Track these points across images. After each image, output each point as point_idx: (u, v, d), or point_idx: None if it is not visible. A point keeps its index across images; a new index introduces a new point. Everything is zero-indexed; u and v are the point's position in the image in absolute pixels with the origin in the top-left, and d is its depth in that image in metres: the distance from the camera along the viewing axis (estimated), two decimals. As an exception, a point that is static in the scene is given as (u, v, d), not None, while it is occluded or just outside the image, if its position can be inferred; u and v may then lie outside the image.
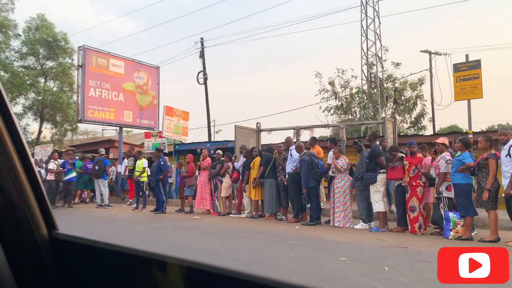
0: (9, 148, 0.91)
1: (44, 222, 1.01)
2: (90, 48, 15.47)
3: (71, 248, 1.01)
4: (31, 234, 0.97)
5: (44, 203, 1.01)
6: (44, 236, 1.00)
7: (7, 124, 0.90)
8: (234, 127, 11.34)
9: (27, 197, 0.96)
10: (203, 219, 8.85)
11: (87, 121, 15.23)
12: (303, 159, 7.87)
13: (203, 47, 18.13)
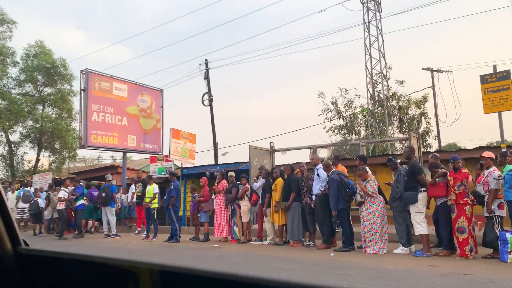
0: None
1: (8, 239, 1.03)
2: (93, 71, 15.07)
3: (36, 262, 1.03)
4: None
5: (9, 220, 1.03)
6: (9, 252, 1.03)
7: None
8: (248, 147, 10.80)
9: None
10: (222, 247, 8.18)
11: (90, 146, 14.66)
12: (332, 178, 7.32)
13: (208, 69, 17.78)
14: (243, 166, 12.61)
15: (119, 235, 10.91)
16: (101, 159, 39.96)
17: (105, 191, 10.94)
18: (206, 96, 17.77)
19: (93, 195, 11.93)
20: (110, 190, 10.94)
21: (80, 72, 14.84)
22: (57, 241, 10.27)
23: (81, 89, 14.75)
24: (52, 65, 23.95)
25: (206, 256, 7.04)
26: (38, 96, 24.48)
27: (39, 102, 24.29)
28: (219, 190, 9.22)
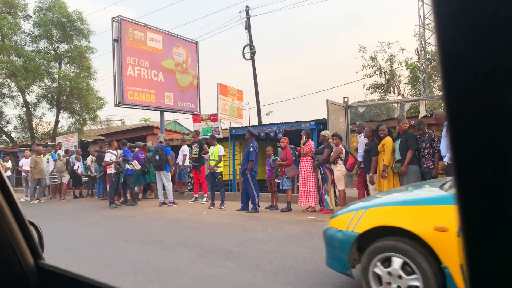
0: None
1: (30, 253, 1.08)
2: (126, 19, 13.24)
3: (55, 279, 1.11)
4: (18, 264, 1.05)
5: (29, 235, 1.08)
6: (31, 266, 1.08)
7: None
8: (326, 101, 9.18)
9: (14, 234, 1.03)
10: (320, 219, 6.80)
11: (127, 104, 13.07)
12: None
13: (249, 17, 15.82)
14: (306, 126, 11.04)
15: (177, 202, 9.57)
16: (117, 122, 38.50)
17: (158, 154, 9.50)
18: (247, 48, 15.91)
19: (140, 158, 10.52)
20: (164, 152, 9.49)
21: (112, 19, 13.00)
22: (114, 210, 9.01)
23: (114, 39, 12.98)
24: (68, 18, 21.98)
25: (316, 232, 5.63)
26: (54, 53, 22.66)
27: (55, 59, 22.51)
28: (305, 152, 7.72)
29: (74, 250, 5.23)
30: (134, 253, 4.84)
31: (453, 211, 2.40)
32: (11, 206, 1.03)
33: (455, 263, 2.34)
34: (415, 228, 2.57)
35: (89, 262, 4.60)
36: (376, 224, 2.81)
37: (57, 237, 5.98)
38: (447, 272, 2.38)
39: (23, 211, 1.06)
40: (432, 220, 2.53)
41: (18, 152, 17.57)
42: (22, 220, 1.06)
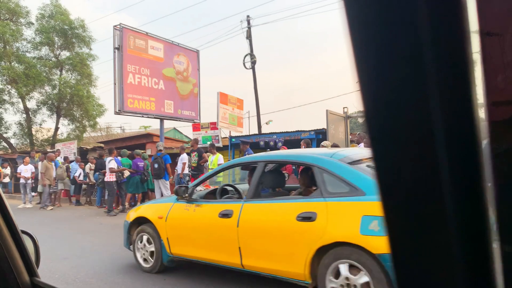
0: None
1: (26, 270, 1.08)
2: (128, 27, 13.33)
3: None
4: (15, 282, 1.05)
5: (24, 249, 1.08)
6: (27, 283, 1.08)
7: None
8: (325, 112, 9.21)
9: (9, 249, 1.03)
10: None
11: (127, 112, 13.10)
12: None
13: (250, 26, 15.93)
14: (306, 135, 11.06)
15: (175, 211, 9.52)
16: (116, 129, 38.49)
17: (157, 162, 9.49)
18: (248, 57, 15.99)
19: (139, 166, 10.50)
20: (163, 160, 9.48)
21: (114, 28, 13.09)
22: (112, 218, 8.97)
23: (115, 47, 13.06)
24: (70, 26, 22.12)
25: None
26: (55, 60, 22.74)
27: (56, 66, 22.58)
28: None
29: (71, 259, 5.18)
30: (132, 262, 4.79)
31: (161, 207, 4.40)
32: (4, 217, 1.02)
33: (165, 237, 4.17)
34: (151, 217, 4.38)
35: (86, 271, 4.56)
36: (137, 216, 4.59)
37: (54, 245, 5.93)
38: (162, 243, 4.23)
39: (17, 222, 1.05)
40: (157, 213, 4.33)
41: (17, 158, 17.53)
42: (16, 232, 1.06)
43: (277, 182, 4.12)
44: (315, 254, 2.99)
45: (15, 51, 21.47)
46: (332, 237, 2.92)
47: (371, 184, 2.88)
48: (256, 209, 3.50)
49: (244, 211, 3.52)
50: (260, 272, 3.44)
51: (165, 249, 4.17)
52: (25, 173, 12.67)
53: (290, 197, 3.72)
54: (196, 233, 3.91)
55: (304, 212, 3.11)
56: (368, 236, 2.74)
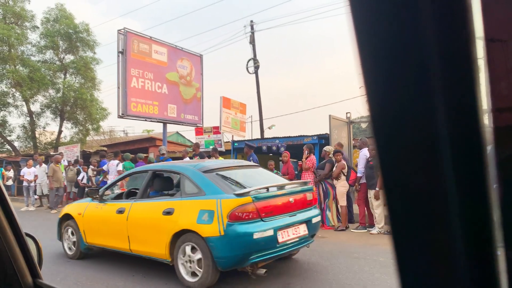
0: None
1: (29, 272, 1.09)
2: (132, 31, 13.40)
3: None
4: (18, 283, 1.07)
5: (27, 251, 1.09)
6: (29, 285, 1.09)
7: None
8: (328, 117, 9.19)
9: (13, 251, 1.05)
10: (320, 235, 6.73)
11: (130, 115, 13.14)
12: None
13: (253, 31, 15.99)
14: (308, 140, 11.04)
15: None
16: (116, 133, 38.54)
17: (160, 166, 9.46)
18: (251, 62, 16.03)
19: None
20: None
21: (118, 32, 13.17)
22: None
23: (119, 51, 13.13)
24: (74, 30, 22.28)
25: (323, 249, 5.58)
26: (59, 63, 22.88)
27: (60, 70, 22.72)
28: (307, 166, 7.69)
29: (72, 262, 5.18)
30: (133, 265, 4.79)
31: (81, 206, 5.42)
32: (9, 220, 1.04)
33: (82, 229, 5.17)
34: (73, 214, 5.42)
35: (88, 275, 4.55)
36: (64, 213, 5.59)
37: (56, 248, 5.93)
38: (80, 234, 5.20)
39: (21, 225, 1.06)
40: (78, 210, 5.36)
41: (21, 161, 17.59)
42: (20, 234, 1.07)
43: (163, 186, 4.89)
44: (171, 239, 4.03)
45: (20, 54, 21.62)
46: (181, 226, 3.97)
47: (211, 187, 4.00)
48: (140, 207, 4.53)
49: (132, 208, 4.57)
50: (141, 254, 4.48)
51: (83, 239, 5.19)
52: (28, 176, 12.71)
53: (162, 197, 4.65)
54: (101, 225, 4.96)
55: (167, 208, 4.18)
56: (201, 224, 3.79)
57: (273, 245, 3.85)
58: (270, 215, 3.93)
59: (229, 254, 3.67)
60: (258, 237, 3.70)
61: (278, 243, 3.89)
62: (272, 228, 3.84)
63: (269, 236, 3.78)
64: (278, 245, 3.89)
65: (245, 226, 3.70)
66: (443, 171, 0.38)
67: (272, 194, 4.08)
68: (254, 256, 3.74)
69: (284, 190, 4.31)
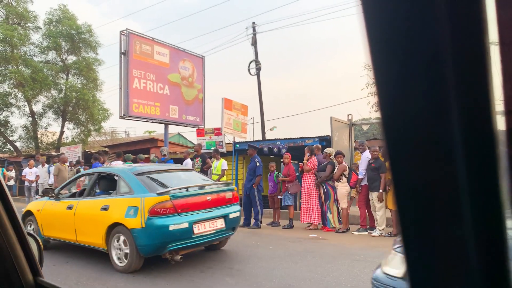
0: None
1: (29, 270, 1.10)
2: (134, 32, 13.41)
3: None
4: (18, 281, 1.08)
5: (29, 250, 1.10)
6: (30, 283, 1.10)
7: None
8: (330, 119, 9.20)
9: (14, 248, 1.06)
10: (324, 238, 6.72)
11: (132, 116, 13.13)
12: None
13: (255, 33, 15.99)
14: (310, 142, 11.03)
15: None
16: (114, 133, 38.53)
17: (161, 167, 9.46)
18: (253, 64, 16.04)
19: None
20: (168, 165, 9.46)
21: (120, 33, 13.17)
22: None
23: (121, 52, 13.12)
24: (77, 31, 22.34)
25: (324, 251, 5.56)
26: (62, 64, 22.93)
27: (63, 70, 22.77)
28: (308, 168, 7.68)
29: (73, 262, 5.18)
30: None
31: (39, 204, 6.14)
32: (11, 219, 1.05)
33: (40, 224, 5.82)
34: (33, 210, 6.05)
35: (89, 275, 4.55)
36: (27, 209, 6.19)
37: (57, 248, 5.93)
38: (39, 228, 5.85)
39: (22, 224, 1.08)
40: (37, 207, 6.03)
41: (22, 161, 17.62)
42: (21, 233, 1.08)
43: (106, 186, 5.66)
44: (106, 231, 4.75)
45: (23, 55, 21.68)
46: (113, 219, 4.70)
47: (139, 187, 4.72)
48: (85, 204, 5.28)
49: (79, 205, 5.28)
50: (85, 244, 5.15)
51: (40, 233, 5.79)
52: (29, 176, 12.73)
53: (102, 195, 5.40)
54: (55, 220, 5.61)
55: (104, 205, 4.91)
56: (128, 218, 4.52)
57: (188, 235, 4.57)
58: (186, 210, 4.63)
59: (149, 242, 4.38)
60: (173, 229, 4.41)
61: (193, 234, 4.61)
62: (188, 221, 4.55)
63: (184, 228, 4.50)
64: (194, 236, 4.62)
65: (162, 220, 4.41)
66: (456, 171, 0.37)
67: (190, 193, 4.80)
68: (172, 244, 4.46)
69: (203, 190, 5.04)
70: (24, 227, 5.55)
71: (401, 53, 0.38)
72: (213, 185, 5.39)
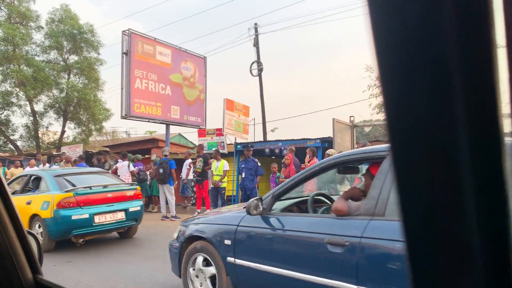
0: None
1: (29, 268, 1.10)
2: (136, 32, 13.42)
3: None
4: (17, 279, 1.07)
5: (28, 248, 1.11)
6: (30, 281, 1.10)
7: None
8: (332, 120, 9.20)
9: (14, 246, 1.06)
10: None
11: (133, 116, 13.14)
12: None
13: (257, 34, 16.01)
14: (311, 143, 11.03)
15: (179, 217, 9.52)
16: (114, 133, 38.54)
17: (162, 167, 9.49)
18: (255, 65, 16.05)
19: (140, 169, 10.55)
20: (169, 165, 9.49)
21: (122, 32, 13.19)
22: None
23: (123, 52, 13.13)
24: (79, 30, 22.36)
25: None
26: (63, 64, 22.96)
27: (64, 70, 22.79)
28: (310, 169, 7.67)
29: (74, 262, 5.18)
30: (135, 267, 4.79)
31: None
32: (11, 217, 1.06)
33: None
34: None
35: (89, 275, 4.56)
36: None
37: (58, 248, 5.94)
38: None
39: (22, 221, 1.10)
40: None
41: (23, 161, 17.62)
42: (21, 231, 1.09)
43: (36, 185, 6.55)
44: (29, 220, 6.02)
45: (24, 54, 21.71)
46: (33, 211, 5.99)
47: (54, 186, 6.05)
48: (17, 199, 5.93)
49: (14, 200, 6.22)
50: None
51: None
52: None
53: (29, 192, 6.53)
54: None
55: (28, 200, 6.19)
56: (42, 210, 5.82)
57: (89, 224, 5.91)
58: (88, 204, 5.98)
59: (56, 229, 5.67)
60: (75, 218, 5.71)
61: (94, 223, 5.97)
62: (88, 213, 5.90)
63: (85, 218, 5.84)
64: (95, 224, 5.98)
65: (66, 211, 5.73)
66: (461, 172, 0.37)
67: (92, 191, 6.15)
68: (75, 231, 5.78)
69: (105, 189, 6.35)
70: None
71: (406, 53, 0.38)
72: (117, 185, 6.69)
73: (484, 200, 0.38)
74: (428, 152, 0.39)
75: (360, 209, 2.37)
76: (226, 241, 3.02)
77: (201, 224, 3.45)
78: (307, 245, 2.58)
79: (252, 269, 2.80)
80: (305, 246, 2.59)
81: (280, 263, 2.65)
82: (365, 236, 2.19)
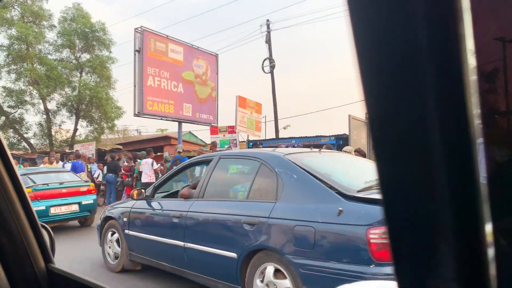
0: (11, 194, 1.08)
1: (42, 256, 1.16)
2: (148, 30, 13.38)
3: (65, 283, 1.13)
4: (31, 267, 1.13)
5: (41, 239, 1.16)
6: (42, 269, 1.15)
7: (8, 170, 1.08)
8: (348, 117, 9.04)
9: (28, 237, 1.12)
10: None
11: (146, 114, 13.12)
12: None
13: (269, 31, 15.86)
14: (325, 141, 10.90)
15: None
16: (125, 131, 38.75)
17: (175, 164, 9.40)
18: (267, 62, 15.91)
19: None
20: (182, 162, 9.40)
21: (134, 30, 13.16)
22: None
23: (136, 50, 13.10)
24: (91, 29, 22.47)
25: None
26: (75, 62, 23.11)
27: (76, 68, 22.94)
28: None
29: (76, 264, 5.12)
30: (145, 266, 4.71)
31: None
32: (25, 210, 1.12)
33: None
34: None
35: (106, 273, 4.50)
36: None
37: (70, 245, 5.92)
38: None
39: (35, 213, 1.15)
40: None
41: (37, 158, 17.79)
42: (35, 223, 1.14)
43: None
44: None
45: (38, 53, 21.89)
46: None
47: None
48: None
49: None
50: None
51: None
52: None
53: None
54: None
55: None
56: None
57: (45, 214, 6.66)
58: (44, 198, 6.83)
59: None
60: None
61: (50, 214, 6.82)
62: (44, 205, 6.72)
63: (41, 210, 6.60)
64: (51, 215, 6.81)
65: None
66: (433, 169, 0.39)
67: (49, 187, 7.05)
68: None
69: (61, 185, 7.26)
70: None
71: (382, 52, 0.39)
72: (72, 182, 7.63)
73: (456, 196, 0.39)
74: (402, 149, 0.41)
75: (194, 194, 3.60)
76: (125, 219, 4.26)
77: (113, 208, 4.69)
78: (164, 218, 3.79)
79: (137, 237, 4.05)
80: (163, 219, 3.80)
81: (150, 233, 3.90)
82: (191, 210, 3.46)
